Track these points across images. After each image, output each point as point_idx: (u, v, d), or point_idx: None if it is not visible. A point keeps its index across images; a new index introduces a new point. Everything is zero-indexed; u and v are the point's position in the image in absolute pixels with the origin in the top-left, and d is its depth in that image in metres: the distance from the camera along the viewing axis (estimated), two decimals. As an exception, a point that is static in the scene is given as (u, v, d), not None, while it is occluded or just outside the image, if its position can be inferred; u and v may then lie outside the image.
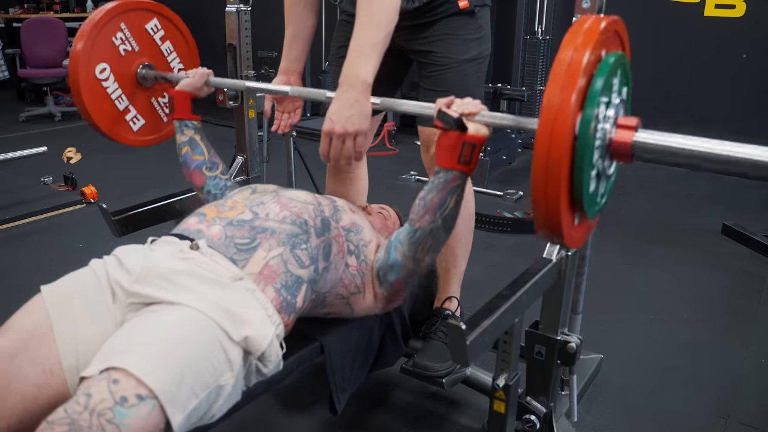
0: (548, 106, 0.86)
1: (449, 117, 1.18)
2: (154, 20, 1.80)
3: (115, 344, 1.02)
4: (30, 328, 1.08)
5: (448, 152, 1.21)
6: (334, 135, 1.28)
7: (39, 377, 1.05)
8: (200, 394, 1.02)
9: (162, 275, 1.13)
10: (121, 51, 1.74)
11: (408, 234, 1.31)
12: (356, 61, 1.31)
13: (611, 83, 0.93)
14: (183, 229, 1.30)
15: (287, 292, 1.23)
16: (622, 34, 1.02)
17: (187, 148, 1.61)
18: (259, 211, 1.31)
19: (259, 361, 1.14)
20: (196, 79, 1.66)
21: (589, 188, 0.93)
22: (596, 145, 0.92)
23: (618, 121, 0.97)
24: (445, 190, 1.23)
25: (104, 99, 1.74)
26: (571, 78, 0.86)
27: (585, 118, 0.87)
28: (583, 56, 0.87)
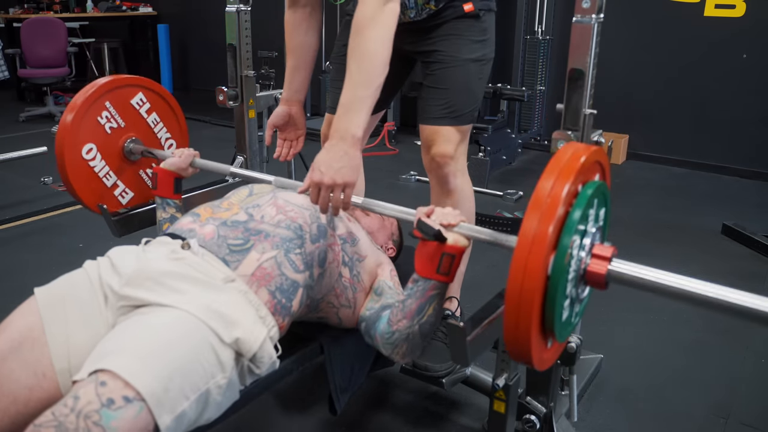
0: (525, 235, 0.88)
1: (429, 228, 1.16)
2: (140, 94, 1.79)
3: (105, 347, 1.02)
4: (23, 330, 1.08)
5: (426, 262, 1.19)
6: (323, 186, 1.28)
7: (31, 380, 1.05)
8: (191, 396, 1.01)
9: (152, 277, 1.13)
10: (107, 129, 1.73)
11: (385, 333, 1.29)
12: (347, 115, 1.32)
13: (588, 213, 0.95)
14: (176, 228, 1.30)
15: (282, 295, 1.22)
16: (603, 162, 1.05)
17: (168, 225, 1.60)
18: (254, 213, 1.31)
19: (252, 363, 1.14)
20: (181, 159, 1.64)
21: (561, 316, 0.95)
22: (570, 276, 0.94)
23: (594, 249, 0.98)
24: (423, 299, 1.22)
25: (92, 178, 1.74)
26: (550, 209, 0.88)
27: (561, 249, 0.89)
28: (562, 189, 0.90)
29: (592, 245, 0.98)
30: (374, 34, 1.33)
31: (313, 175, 1.29)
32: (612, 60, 4.26)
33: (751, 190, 4.04)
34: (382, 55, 1.34)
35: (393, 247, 1.67)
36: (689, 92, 4.39)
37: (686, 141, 4.46)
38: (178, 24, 7.28)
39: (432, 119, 1.66)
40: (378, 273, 1.46)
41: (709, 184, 4.14)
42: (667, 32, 4.37)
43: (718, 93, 4.29)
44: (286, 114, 1.79)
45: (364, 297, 1.42)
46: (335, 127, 1.33)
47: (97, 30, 7.35)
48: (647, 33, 4.45)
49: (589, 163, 0.97)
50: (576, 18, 1.39)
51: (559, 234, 0.90)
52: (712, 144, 4.37)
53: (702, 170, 4.38)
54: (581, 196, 0.94)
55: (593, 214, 0.98)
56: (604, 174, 1.07)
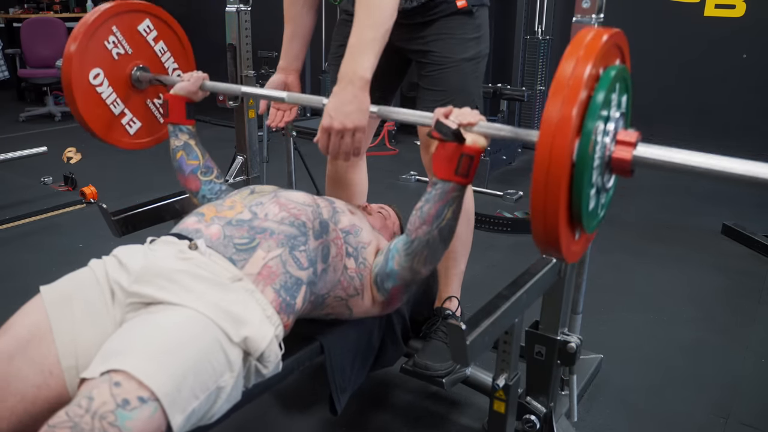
0: (548, 120, 0.85)
1: (447, 128, 1.16)
2: (146, 21, 1.78)
3: (115, 345, 1.02)
4: (30, 328, 1.08)
5: (445, 163, 1.19)
6: (332, 131, 1.28)
7: (38, 378, 1.04)
8: (200, 395, 1.02)
9: (161, 275, 1.13)
10: (114, 55, 1.72)
11: (405, 244, 1.30)
12: (355, 57, 1.31)
13: (611, 97, 0.92)
14: (182, 228, 1.30)
15: (287, 293, 1.22)
16: (622, 46, 1.02)
17: (182, 153, 1.60)
18: (258, 212, 1.31)
19: (259, 362, 1.14)
20: (191, 83, 1.63)
21: (588, 205, 0.93)
22: (596, 163, 0.91)
23: (618, 136, 0.96)
24: (442, 201, 1.22)
25: (99, 104, 1.72)
26: (572, 91, 0.85)
27: (585, 135, 0.86)
28: (584, 70, 0.86)
29: (616, 131, 0.95)
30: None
31: (323, 120, 1.28)
32: (612, 60, 4.26)
33: (751, 190, 4.03)
34: None
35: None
36: (689, 92, 4.39)
37: (686, 141, 4.45)
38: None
39: None
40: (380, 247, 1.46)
41: (709, 184, 4.13)
42: (667, 32, 4.37)
43: (718, 93, 4.29)
44: (282, 83, 1.76)
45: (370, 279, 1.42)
46: (343, 70, 1.30)
47: (97, 30, 7.34)
48: (647, 33, 4.45)
49: (610, 44, 0.93)
50: (576, 18, 1.39)
51: (582, 118, 0.86)
52: (712, 144, 4.36)
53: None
54: (604, 78, 0.90)
55: (616, 99, 0.94)
56: (624, 59, 1.03)
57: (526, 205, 3.64)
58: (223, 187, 1.61)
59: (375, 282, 1.39)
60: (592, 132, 0.87)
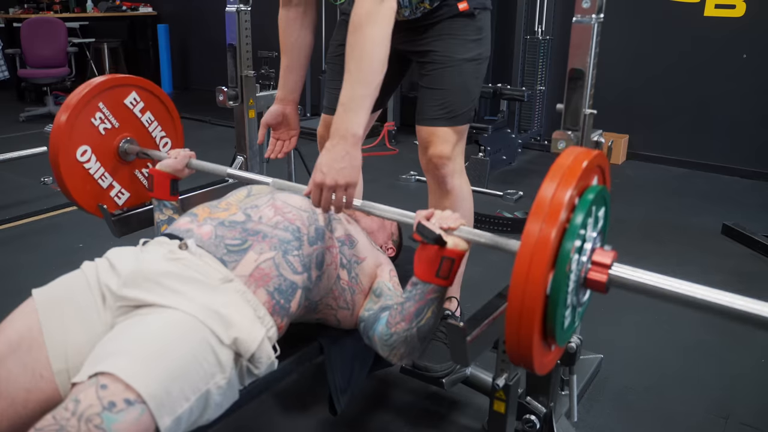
0: (528, 238, 0.88)
1: (429, 231, 1.16)
2: (133, 93, 1.77)
3: (104, 349, 1.02)
4: (21, 331, 1.08)
5: (426, 265, 1.19)
6: (325, 186, 1.28)
7: (29, 381, 1.05)
8: (191, 397, 1.01)
9: (150, 278, 1.13)
10: (101, 130, 1.72)
11: (384, 335, 1.29)
12: (347, 114, 1.31)
13: (590, 218, 0.95)
14: (173, 228, 1.30)
15: (281, 296, 1.22)
16: (603, 166, 1.05)
17: (166, 227, 1.59)
18: (252, 214, 1.31)
19: (250, 363, 1.14)
20: (177, 161, 1.63)
21: (563, 322, 0.95)
22: (572, 284, 0.94)
23: (594, 254, 0.98)
24: (422, 302, 1.21)
25: (87, 180, 1.72)
26: (552, 214, 0.89)
27: (563, 253, 0.89)
28: (564, 193, 0.90)
29: (593, 250, 0.98)
30: (372, 32, 1.33)
31: (315, 176, 1.29)
32: (612, 60, 4.26)
33: (751, 190, 4.03)
34: (381, 54, 1.33)
35: (393, 248, 1.66)
36: (689, 92, 4.39)
37: (686, 141, 4.46)
38: (178, 24, 7.27)
39: (428, 120, 1.66)
40: (377, 274, 1.46)
41: (709, 184, 4.14)
42: (667, 32, 4.37)
43: (718, 93, 4.29)
44: (280, 114, 1.78)
45: (363, 298, 1.42)
46: (335, 126, 1.32)
47: (97, 30, 7.35)
48: (647, 33, 4.45)
49: (590, 167, 0.97)
50: (576, 18, 1.39)
51: (561, 240, 0.90)
52: (712, 144, 4.37)
53: (702, 170, 4.38)
54: (583, 201, 0.94)
55: (594, 219, 0.98)
56: (604, 177, 1.07)
57: (526, 205, 3.64)
58: None
59: (359, 323, 1.40)
60: (569, 252, 0.90)
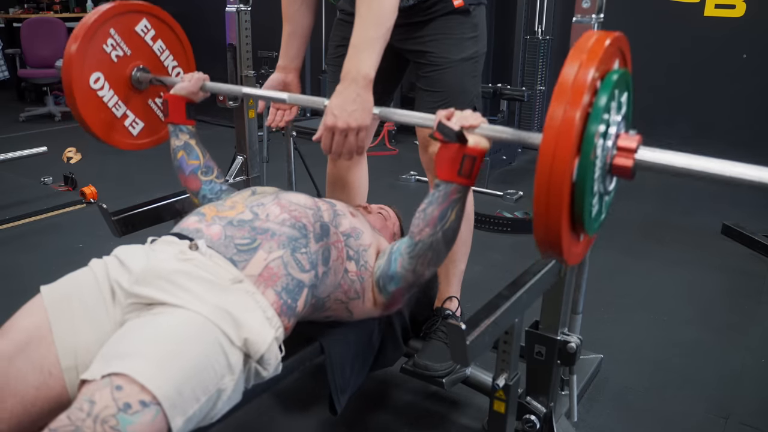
0: (552, 123, 0.85)
1: (449, 129, 1.16)
2: (144, 21, 1.77)
3: (116, 347, 1.02)
4: (29, 329, 1.08)
5: (448, 165, 1.19)
6: (336, 130, 1.27)
7: (38, 379, 1.04)
8: (201, 398, 1.01)
9: (162, 276, 1.13)
10: (113, 57, 1.71)
11: (408, 247, 1.30)
12: (358, 56, 1.30)
13: (613, 101, 0.92)
14: (182, 228, 1.30)
15: (288, 295, 1.22)
16: (624, 49, 1.02)
17: (183, 153, 1.60)
18: (260, 212, 1.31)
19: (258, 364, 1.14)
20: (191, 83, 1.63)
21: (591, 211, 0.93)
22: (598, 169, 0.91)
23: (619, 140, 0.96)
24: (446, 203, 1.22)
25: (101, 108, 1.72)
26: (575, 96, 0.85)
27: (587, 139, 0.86)
28: (586, 74, 0.86)
29: (617, 135, 0.95)
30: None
31: (326, 119, 1.27)
32: (612, 60, 4.26)
33: (751, 190, 4.02)
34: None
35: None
36: (689, 92, 4.39)
37: (686, 141, 4.46)
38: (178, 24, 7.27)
39: None
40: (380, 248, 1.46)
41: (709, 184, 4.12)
42: (667, 32, 4.37)
43: (718, 92, 4.29)
44: (281, 82, 1.75)
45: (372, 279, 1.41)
46: (346, 69, 1.29)
47: (97, 30, 7.34)
48: (647, 33, 4.45)
49: (612, 48, 0.93)
50: (576, 18, 1.39)
51: (585, 122, 0.86)
52: (713, 144, 4.37)
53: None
54: (606, 82, 0.90)
55: (617, 103, 0.95)
56: (626, 61, 1.03)
57: (526, 205, 3.64)
58: (223, 187, 1.61)
59: (377, 284, 1.38)
60: (594, 136, 0.87)
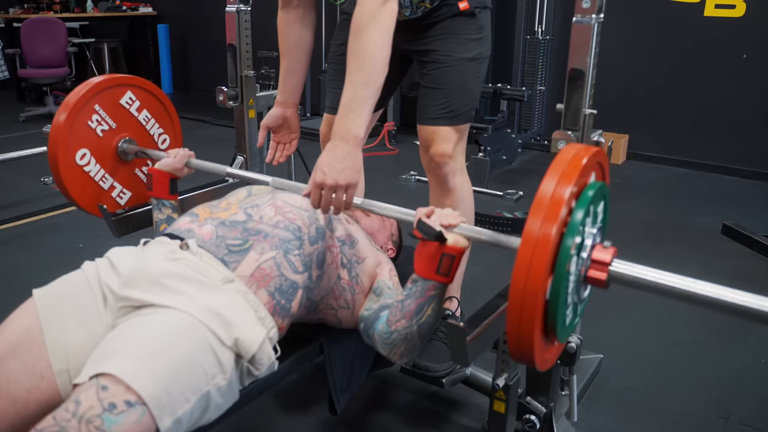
0: (529, 236, 0.88)
1: (429, 228, 1.16)
2: (128, 93, 1.77)
3: (104, 349, 1.02)
4: (21, 332, 1.08)
5: (426, 262, 1.19)
6: (325, 186, 1.27)
7: (29, 381, 1.05)
8: (191, 398, 1.01)
9: (151, 278, 1.13)
10: (99, 132, 1.71)
11: (384, 333, 1.29)
12: (348, 116, 1.31)
13: (589, 215, 0.95)
14: (174, 228, 1.30)
15: (281, 296, 1.22)
16: (603, 162, 1.05)
17: (165, 226, 1.59)
18: (253, 214, 1.31)
19: (250, 364, 1.14)
20: (176, 160, 1.63)
21: (564, 321, 0.96)
22: (572, 280, 0.94)
23: (594, 252, 0.98)
24: (422, 299, 1.21)
25: (88, 183, 1.72)
26: (553, 209, 0.89)
27: (563, 250, 0.89)
28: (564, 190, 0.90)
29: (593, 246, 0.98)
30: (374, 34, 1.33)
31: (315, 176, 1.28)
32: (612, 60, 4.26)
33: (751, 190, 4.03)
34: (383, 55, 1.33)
35: (393, 248, 1.66)
36: (689, 92, 4.39)
37: (686, 141, 4.46)
38: (178, 24, 7.27)
39: (430, 119, 1.66)
40: (377, 273, 1.46)
41: (709, 184, 4.14)
42: (667, 32, 4.37)
43: (718, 93, 4.29)
44: (281, 117, 1.77)
45: (363, 298, 1.42)
46: (336, 127, 1.32)
47: (97, 30, 7.35)
48: (647, 33, 4.45)
49: (590, 164, 0.97)
50: (576, 18, 1.39)
51: (561, 237, 0.90)
52: (713, 144, 4.37)
53: (702, 170, 4.38)
54: (583, 197, 0.94)
55: (594, 215, 0.98)
56: (604, 174, 1.08)
57: (526, 205, 3.64)
58: None
59: (359, 322, 1.40)
60: (569, 249, 0.90)
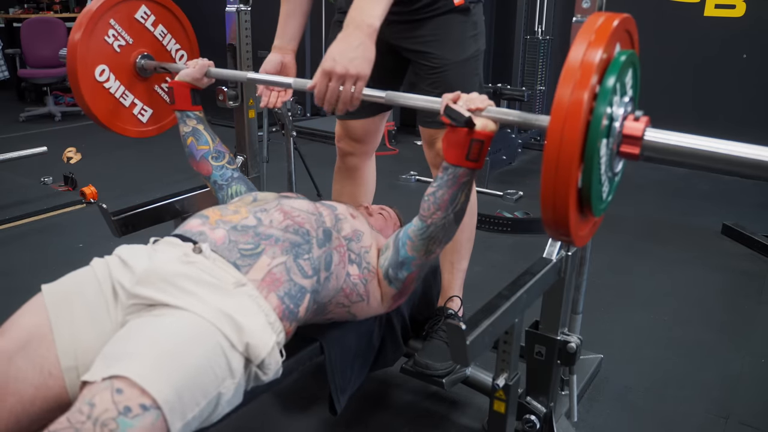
0: (560, 104, 0.84)
1: (458, 114, 1.15)
2: (143, 7, 1.77)
3: (117, 348, 1.01)
4: (30, 328, 1.08)
5: (456, 149, 1.19)
6: (334, 75, 1.22)
7: (37, 378, 1.04)
8: (201, 402, 1.01)
9: (165, 278, 1.12)
10: (116, 48, 1.71)
11: (419, 230, 1.31)
12: (365, 5, 1.27)
13: (621, 82, 0.92)
14: (185, 230, 1.29)
15: (290, 300, 1.22)
16: (632, 31, 1.01)
17: (192, 139, 1.60)
18: (263, 218, 1.30)
19: (259, 369, 1.14)
20: (195, 69, 1.63)
21: (598, 189, 0.93)
22: (605, 149, 0.91)
23: (626, 121, 0.95)
24: (455, 186, 1.23)
25: (109, 100, 1.73)
26: (583, 76, 0.85)
27: (595, 120, 0.86)
28: (594, 55, 0.86)
29: (625, 116, 0.95)
30: None
31: (324, 63, 1.22)
32: (612, 60, 4.26)
33: (751, 190, 4.04)
34: None
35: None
36: (689, 92, 4.39)
37: (686, 141, 4.46)
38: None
39: (432, 123, 1.66)
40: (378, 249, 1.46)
41: (709, 184, 4.14)
42: (667, 32, 4.37)
43: (717, 93, 4.29)
44: (279, 63, 1.72)
45: (377, 280, 1.42)
46: (351, 16, 1.27)
47: (97, 30, 7.34)
48: (647, 33, 4.42)
49: (620, 29, 0.93)
50: (576, 18, 1.39)
51: (593, 103, 0.86)
52: (712, 144, 4.37)
53: (702, 170, 4.38)
54: (614, 63, 0.90)
55: (625, 84, 0.94)
56: (633, 43, 1.03)
57: (526, 205, 3.64)
58: (234, 174, 1.60)
59: (386, 276, 1.39)
60: (602, 117, 0.86)
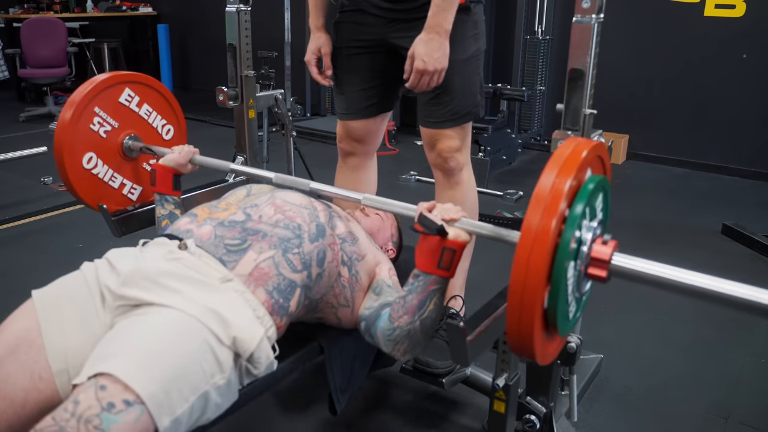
0: (528, 229, 0.87)
1: (430, 221, 1.16)
2: (126, 91, 1.76)
3: (103, 349, 1.02)
4: (19, 333, 1.08)
5: (427, 257, 1.18)
6: (426, 72, 1.57)
7: (27, 382, 1.05)
8: (190, 397, 1.01)
9: (149, 277, 1.13)
10: (102, 134, 1.72)
11: (387, 330, 1.28)
12: (440, 14, 1.55)
13: (591, 206, 0.94)
14: (173, 229, 1.30)
15: (280, 295, 1.22)
16: (603, 157, 1.04)
17: (167, 221, 1.59)
18: (252, 213, 1.31)
19: (249, 363, 1.14)
20: (180, 156, 1.63)
21: (565, 308, 0.94)
22: (573, 273, 0.93)
23: (595, 243, 0.97)
24: (424, 293, 1.21)
25: (98, 185, 1.73)
26: (552, 203, 0.87)
27: (564, 241, 0.88)
28: (564, 183, 0.89)
29: (593, 240, 0.97)
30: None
31: (417, 64, 1.57)
32: (612, 60, 4.26)
33: (751, 190, 4.04)
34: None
35: (393, 249, 1.66)
36: (689, 92, 4.39)
37: (686, 141, 4.46)
38: (178, 24, 7.28)
39: (433, 123, 1.66)
40: (376, 272, 1.45)
41: (709, 184, 4.14)
42: (667, 32, 4.37)
43: (717, 93, 4.29)
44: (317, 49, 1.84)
45: (362, 296, 1.41)
46: (430, 23, 1.56)
47: (97, 30, 7.35)
48: (647, 33, 4.45)
49: (590, 157, 0.96)
50: (576, 18, 1.39)
51: (561, 229, 0.89)
52: (712, 144, 4.37)
53: (702, 170, 4.38)
54: (583, 190, 0.93)
55: (594, 209, 0.97)
56: (605, 168, 1.06)
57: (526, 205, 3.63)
58: None
59: (359, 321, 1.39)
60: (570, 240, 0.89)
